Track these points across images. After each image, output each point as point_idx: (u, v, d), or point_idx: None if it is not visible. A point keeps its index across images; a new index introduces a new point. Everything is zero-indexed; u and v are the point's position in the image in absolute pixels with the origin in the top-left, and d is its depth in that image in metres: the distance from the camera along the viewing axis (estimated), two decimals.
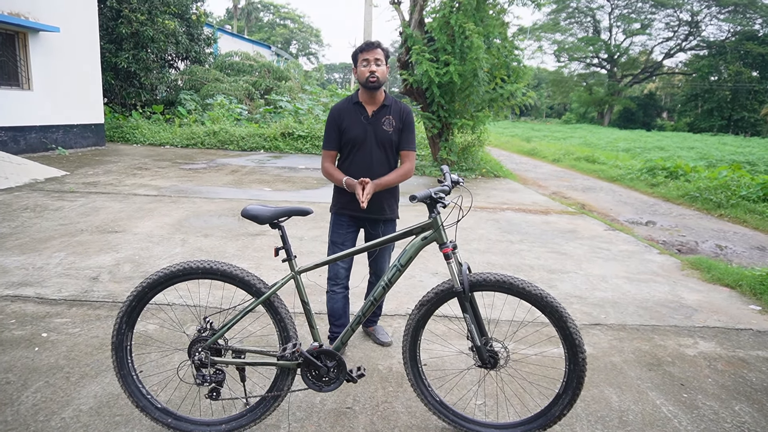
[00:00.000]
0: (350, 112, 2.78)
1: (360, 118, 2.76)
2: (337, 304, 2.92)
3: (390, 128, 2.75)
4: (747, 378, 2.96)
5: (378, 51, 2.67)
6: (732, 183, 9.49)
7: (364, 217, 2.84)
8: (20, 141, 10.63)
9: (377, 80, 2.66)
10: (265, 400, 2.19)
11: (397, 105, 2.81)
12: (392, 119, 2.76)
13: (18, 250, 4.60)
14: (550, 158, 17.33)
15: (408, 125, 2.79)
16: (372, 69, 2.65)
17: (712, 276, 4.82)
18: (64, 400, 2.42)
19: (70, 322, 3.26)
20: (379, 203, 2.78)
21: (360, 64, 2.69)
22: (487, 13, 10.65)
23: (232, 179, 9.04)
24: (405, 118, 2.79)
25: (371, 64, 2.65)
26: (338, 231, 2.88)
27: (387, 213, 2.85)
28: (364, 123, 2.75)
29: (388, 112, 2.77)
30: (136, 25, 15.00)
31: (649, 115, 48.98)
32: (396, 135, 2.78)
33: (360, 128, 2.75)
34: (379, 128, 2.75)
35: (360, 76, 2.70)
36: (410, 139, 2.81)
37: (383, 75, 2.69)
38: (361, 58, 2.68)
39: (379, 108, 2.77)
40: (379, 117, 2.75)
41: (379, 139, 2.75)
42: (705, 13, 44.42)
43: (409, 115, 2.81)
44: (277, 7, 58.57)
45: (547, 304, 2.03)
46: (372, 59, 2.65)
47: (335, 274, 2.90)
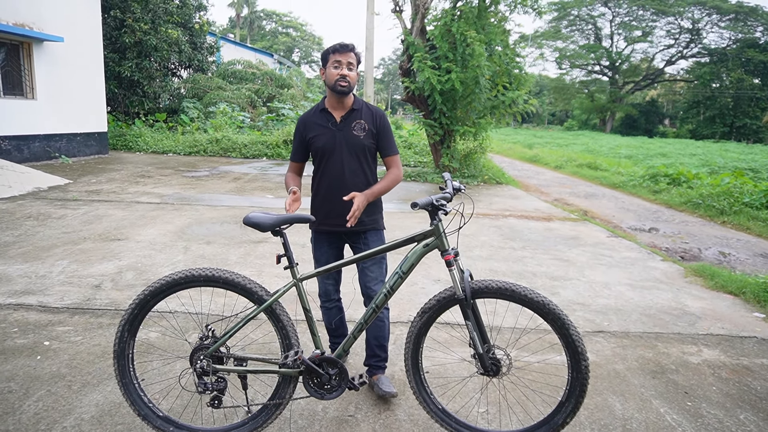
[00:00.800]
0: (317, 121, 2.59)
1: (327, 125, 2.56)
2: (331, 317, 2.81)
3: (362, 133, 2.55)
4: (751, 386, 2.94)
5: (351, 55, 2.50)
6: (735, 190, 9.47)
7: (342, 231, 2.61)
8: (24, 150, 10.69)
9: (348, 85, 2.48)
10: (266, 408, 2.19)
11: (368, 109, 2.63)
12: (364, 123, 2.56)
13: (21, 259, 4.61)
14: (552, 165, 17.33)
15: (384, 130, 2.61)
16: (343, 72, 2.46)
17: (715, 283, 4.80)
18: (66, 409, 2.41)
19: (72, 330, 3.26)
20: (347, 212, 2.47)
21: (330, 65, 2.49)
22: (489, 21, 10.71)
23: (234, 186, 9.06)
24: (379, 123, 2.60)
25: (343, 67, 2.47)
26: (319, 249, 2.69)
27: (366, 223, 2.60)
28: (332, 130, 2.55)
29: (358, 116, 2.58)
30: (140, 34, 15.12)
31: (651, 122, 48.99)
32: (369, 140, 2.57)
33: (327, 136, 2.56)
34: (349, 134, 2.55)
35: (329, 78, 2.50)
36: (390, 144, 2.63)
37: (354, 80, 2.52)
38: (333, 59, 2.48)
39: (348, 112, 2.57)
40: (348, 122, 2.56)
41: (351, 146, 2.55)
42: (706, 20, 44.56)
43: (383, 118, 2.63)
44: (279, 16, 58.99)
45: (550, 311, 2.03)
46: (345, 62, 2.47)
47: (324, 292, 2.75)
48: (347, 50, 2.49)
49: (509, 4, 11.04)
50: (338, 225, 2.56)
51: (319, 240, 2.71)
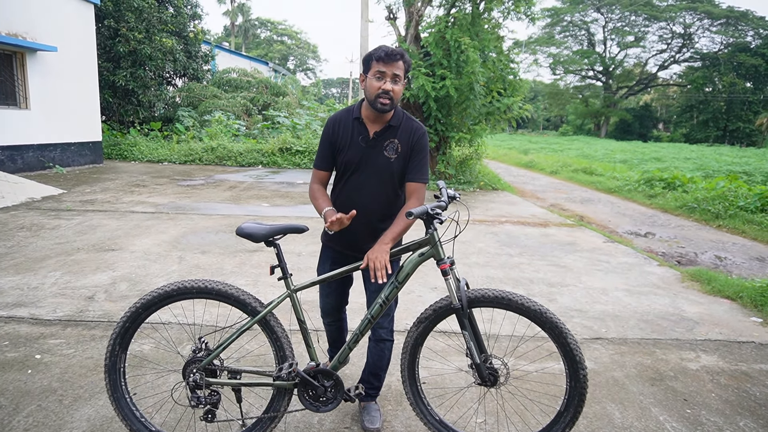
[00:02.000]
0: (348, 129, 2.27)
1: (359, 138, 2.24)
2: (333, 334, 2.70)
3: (393, 155, 2.23)
4: (750, 392, 2.92)
5: (399, 64, 2.12)
6: (729, 193, 9.50)
7: (351, 255, 2.35)
8: (17, 160, 10.63)
9: (390, 103, 2.13)
10: (261, 422, 2.15)
11: (407, 124, 2.26)
12: (398, 143, 2.22)
13: (13, 270, 4.56)
14: (547, 170, 17.38)
15: (419, 150, 2.23)
16: (387, 87, 2.10)
17: (712, 288, 4.80)
18: (57, 425, 2.37)
19: (64, 343, 3.22)
20: (364, 237, 2.29)
21: (372, 75, 2.13)
22: (482, 28, 10.76)
23: (229, 195, 9.03)
24: (415, 142, 2.23)
25: (386, 81, 2.11)
26: (323, 264, 2.47)
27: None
28: (362, 145, 2.24)
29: (394, 134, 2.23)
30: (134, 43, 15.11)
31: (645, 126, 49.30)
32: (400, 163, 2.24)
33: (355, 151, 2.24)
34: (379, 155, 2.23)
35: (369, 89, 2.14)
36: (418, 168, 2.23)
37: (398, 95, 2.14)
38: (376, 68, 2.12)
39: (384, 129, 2.23)
40: (381, 140, 2.23)
41: (377, 168, 2.24)
42: (697, 25, 45.01)
43: (422, 138, 2.25)
44: (274, 24, 59.15)
45: (547, 320, 2.01)
46: (389, 74, 2.11)
47: (324, 311, 2.58)
48: (395, 59, 2.11)
49: (503, 10, 11.12)
50: (347, 248, 2.35)
51: (325, 254, 2.48)
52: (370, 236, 2.27)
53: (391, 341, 2.46)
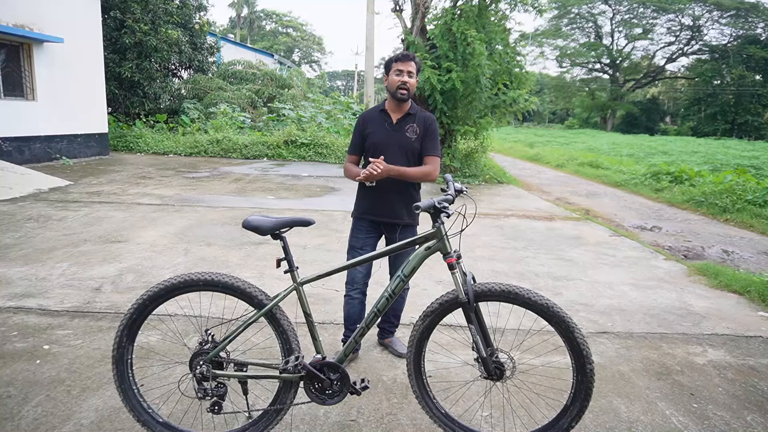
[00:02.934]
0: (375, 119, 2.88)
1: (384, 124, 2.85)
2: (353, 309, 2.98)
3: (413, 136, 2.82)
4: (758, 387, 2.91)
5: (412, 64, 2.75)
6: (737, 187, 9.42)
7: (383, 222, 2.90)
8: (25, 151, 10.68)
9: (407, 92, 2.76)
10: (267, 414, 2.16)
11: (422, 114, 2.89)
12: (416, 127, 2.83)
13: (21, 261, 4.59)
14: (553, 164, 17.30)
15: (431, 132, 2.85)
16: (404, 80, 2.73)
17: (719, 282, 4.77)
18: (65, 414, 2.39)
19: (72, 333, 3.24)
20: (395, 206, 2.84)
21: (393, 73, 2.77)
22: (489, 20, 10.68)
23: (235, 188, 9.04)
24: (428, 126, 2.85)
25: (404, 75, 2.74)
26: (357, 236, 2.95)
27: (405, 218, 2.87)
28: (388, 129, 2.84)
29: (413, 120, 2.85)
30: (140, 35, 15.09)
31: (652, 119, 48.91)
32: (419, 143, 2.83)
33: (383, 133, 2.84)
34: (402, 135, 2.82)
35: (390, 84, 2.78)
36: (432, 145, 2.85)
37: (413, 87, 2.77)
38: (395, 68, 2.76)
39: (404, 116, 2.85)
40: (403, 125, 2.84)
41: (402, 146, 2.81)
42: (707, 17, 44.44)
43: (434, 123, 2.89)
44: (279, 16, 58.94)
45: (554, 314, 2.00)
46: (405, 71, 2.74)
47: (352, 278, 2.97)
48: (408, 59, 2.76)
49: (510, 2, 11.03)
50: (383, 216, 2.88)
51: (357, 227, 2.97)
52: (401, 203, 2.84)
53: (407, 288, 3.09)
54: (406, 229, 2.90)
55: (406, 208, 2.86)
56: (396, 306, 3.08)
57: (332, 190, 9.32)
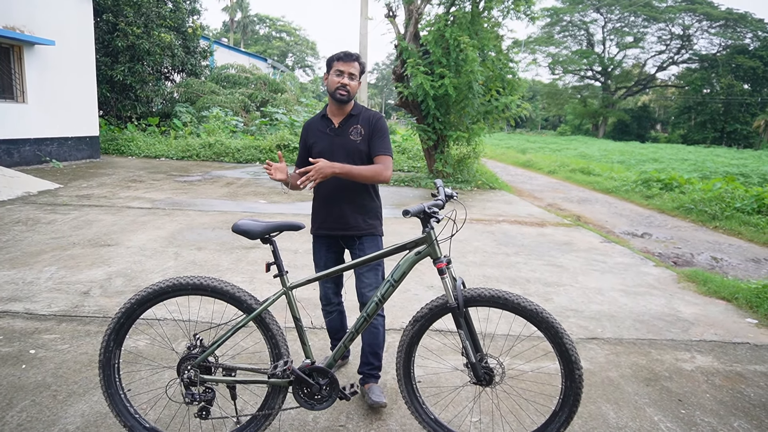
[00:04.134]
0: (317, 126, 2.65)
1: (326, 130, 2.61)
2: (332, 322, 2.84)
3: (358, 137, 2.56)
4: (745, 393, 2.93)
5: (355, 65, 2.53)
6: (726, 195, 9.52)
7: (338, 235, 2.64)
8: (14, 154, 10.59)
9: (347, 94, 2.52)
10: (256, 419, 2.15)
11: (366, 113, 2.64)
12: (360, 128, 2.57)
13: (8, 265, 4.54)
14: (545, 170, 17.39)
15: (378, 130, 2.58)
16: (344, 81, 2.50)
17: (708, 289, 4.81)
18: (51, 420, 2.36)
19: (59, 338, 3.21)
20: (347, 216, 2.59)
21: (333, 73, 2.53)
22: (482, 27, 10.74)
23: (227, 191, 9.01)
24: (374, 124, 2.59)
25: (344, 77, 2.50)
26: (318, 253, 2.73)
27: (362, 228, 2.61)
28: (330, 135, 2.59)
29: (356, 121, 2.59)
30: (132, 38, 15.05)
31: (643, 127, 49.37)
32: (365, 144, 2.57)
33: (325, 141, 2.59)
34: (346, 139, 2.57)
35: (330, 84, 2.55)
36: (380, 144, 2.56)
37: (354, 90, 2.55)
38: (336, 67, 2.52)
39: (346, 118, 2.60)
40: (346, 127, 2.59)
41: (347, 151, 2.55)
42: (696, 27, 45.03)
43: (379, 120, 2.61)
44: (273, 20, 58.99)
45: (543, 319, 2.01)
46: (347, 72, 2.50)
47: (324, 295, 2.78)
48: (351, 59, 2.52)
49: (502, 9, 11.09)
50: (335, 229, 2.63)
51: (317, 244, 2.74)
52: (355, 212, 2.60)
53: (383, 317, 2.69)
54: (367, 240, 2.62)
55: (361, 216, 2.61)
56: (372, 342, 2.63)
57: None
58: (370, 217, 2.64)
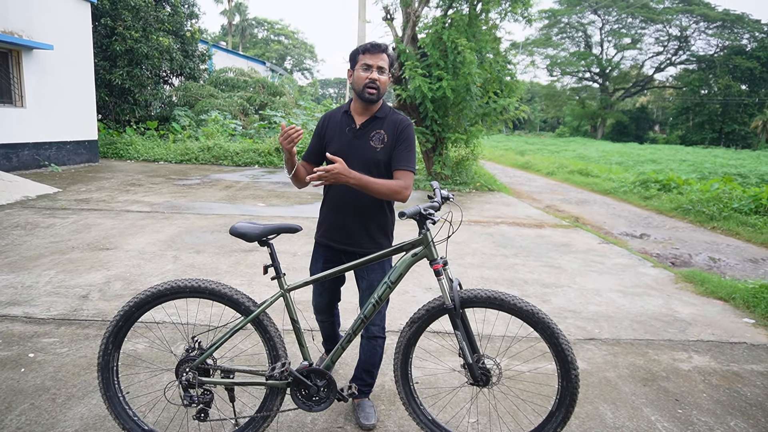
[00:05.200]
0: (337, 122, 2.36)
1: (345, 129, 2.32)
2: (326, 330, 2.78)
3: (379, 145, 2.28)
4: (742, 393, 2.94)
5: (384, 56, 2.22)
6: (724, 195, 9.55)
7: (340, 249, 2.41)
8: (12, 158, 10.59)
9: (377, 92, 2.23)
10: (254, 421, 2.16)
11: (393, 116, 2.32)
12: (384, 134, 2.28)
13: (7, 269, 4.55)
14: (543, 171, 17.42)
15: (404, 140, 2.27)
16: (373, 76, 2.20)
17: (705, 289, 4.82)
18: (50, 423, 2.37)
19: (58, 341, 3.21)
20: (353, 231, 2.34)
21: (359, 68, 2.23)
22: (479, 29, 10.78)
23: (225, 195, 9.02)
24: (400, 133, 2.28)
25: (373, 71, 2.21)
26: (316, 263, 2.51)
27: (367, 246, 2.36)
28: (349, 135, 2.30)
29: (380, 125, 2.30)
30: (131, 42, 15.07)
31: (641, 128, 49.45)
32: (385, 154, 2.28)
33: (342, 141, 2.31)
34: (365, 144, 2.29)
35: (356, 81, 2.24)
36: (404, 157, 2.26)
37: (384, 86, 2.25)
38: (362, 61, 2.23)
39: (370, 119, 2.30)
40: (367, 130, 2.30)
41: (363, 158, 2.28)
42: (693, 28, 45.14)
43: (407, 129, 2.29)
44: (271, 24, 59.07)
45: (539, 320, 2.02)
46: (375, 65, 2.21)
47: (316, 307, 2.65)
48: (379, 50, 2.22)
49: (500, 12, 11.14)
50: (337, 242, 2.40)
51: (317, 252, 2.52)
52: (362, 229, 2.36)
53: (383, 338, 2.50)
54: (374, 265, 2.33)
55: (369, 232, 2.35)
56: (369, 359, 2.47)
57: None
58: (379, 234, 2.39)
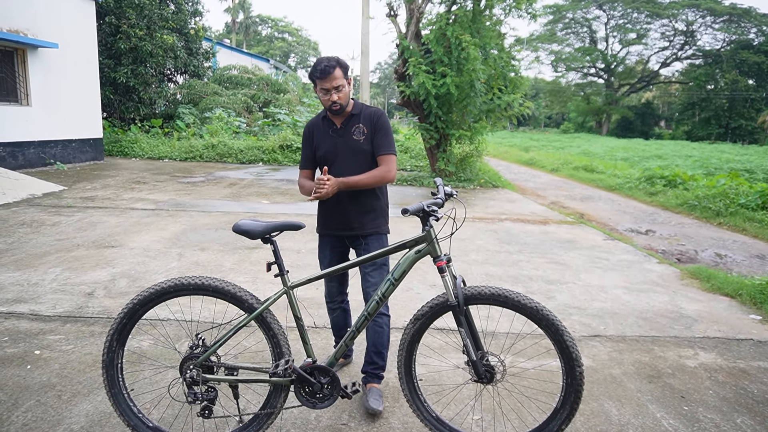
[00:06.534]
0: (320, 128, 2.63)
1: (329, 131, 2.60)
2: (337, 318, 2.87)
3: (361, 137, 2.56)
4: (748, 390, 2.92)
5: (335, 76, 2.43)
6: (730, 191, 9.47)
7: (343, 235, 2.65)
8: (18, 156, 10.65)
9: (340, 107, 2.49)
10: (258, 418, 2.16)
11: (367, 111, 2.61)
12: (363, 127, 2.56)
13: (14, 266, 4.57)
14: (548, 168, 17.35)
15: (380, 128, 2.56)
16: (333, 98, 2.46)
17: (711, 285, 4.79)
18: (56, 420, 2.38)
19: (63, 338, 3.23)
20: (352, 217, 2.59)
21: (319, 91, 2.49)
22: (484, 25, 10.73)
23: (230, 192, 9.04)
24: (376, 122, 2.57)
25: (331, 94, 2.45)
26: (324, 252, 2.74)
27: (367, 227, 2.61)
28: (333, 136, 2.59)
29: (357, 120, 2.57)
30: (135, 40, 15.10)
31: (646, 123, 49.16)
32: (368, 143, 2.56)
33: (329, 143, 2.59)
34: (349, 139, 2.56)
35: (321, 101, 2.53)
36: (384, 143, 2.56)
37: (346, 98, 2.50)
38: (319, 86, 2.46)
39: (348, 118, 2.58)
40: (348, 128, 2.57)
41: (351, 151, 2.56)
42: (700, 22, 44.79)
43: (381, 117, 2.59)
44: (275, 21, 59.06)
45: (543, 317, 2.01)
46: (330, 88, 2.44)
47: (328, 293, 2.82)
48: (328, 74, 2.42)
49: (504, 7, 11.07)
50: (340, 230, 2.65)
51: (322, 243, 2.76)
52: (359, 213, 2.60)
53: (388, 316, 2.67)
54: (372, 239, 2.63)
55: (367, 216, 2.62)
56: (377, 341, 2.62)
57: None
58: (375, 216, 2.64)
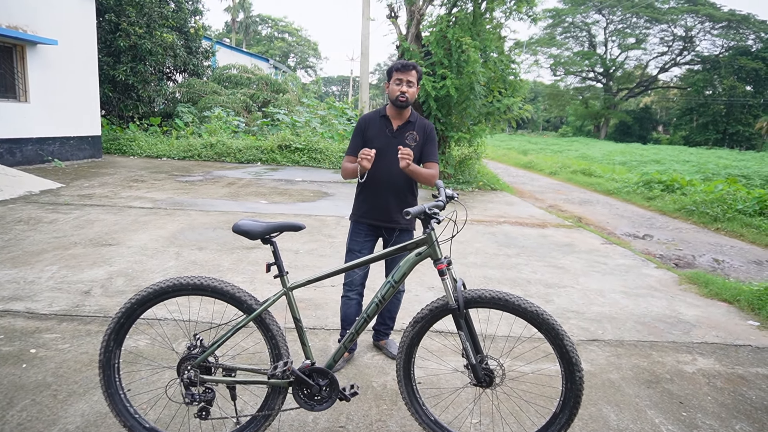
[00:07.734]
0: (376, 124, 2.93)
1: (385, 130, 2.90)
2: (350, 310, 3.03)
3: (413, 143, 2.87)
4: (746, 396, 2.92)
5: (412, 73, 2.81)
6: (728, 197, 9.50)
7: (381, 226, 2.95)
8: (16, 153, 10.60)
9: (406, 100, 2.81)
10: (255, 420, 2.15)
11: (421, 121, 2.96)
12: (416, 134, 2.89)
13: (10, 264, 4.54)
14: (546, 171, 17.37)
15: (430, 139, 2.93)
16: (403, 89, 2.79)
17: (709, 291, 4.80)
18: (51, 419, 2.36)
19: (59, 337, 3.21)
20: (393, 210, 2.90)
21: (393, 82, 2.83)
22: (484, 28, 10.75)
23: (228, 192, 9.01)
24: (428, 134, 2.93)
25: (403, 84, 2.80)
26: (356, 239, 2.99)
27: (402, 222, 2.93)
28: (389, 136, 2.89)
29: (412, 128, 2.91)
30: (135, 38, 15.06)
31: (644, 128, 49.31)
32: (417, 150, 2.89)
33: (384, 140, 2.88)
34: (402, 142, 2.86)
35: (391, 93, 2.85)
36: (432, 152, 2.93)
37: (413, 96, 2.83)
38: (395, 77, 2.81)
39: (404, 123, 2.90)
40: (403, 132, 2.89)
41: None
42: (699, 28, 44.95)
43: (432, 130, 2.96)
44: (275, 21, 59.03)
45: (544, 321, 2.00)
46: (405, 80, 2.80)
47: (351, 280, 3.01)
48: (408, 69, 2.81)
49: (504, 10, 11.10)
50: (379, 220, 2.95)
51: (356, 230, 3.01)
52: (399, 208, 2.87)
53: (403, 291, 3.27)
54: (403, 234, 2.95)
55: (401, 208, 2.85)
56: (391, 308, 3.13)
57: (326, 195, 9.31)
58: None
